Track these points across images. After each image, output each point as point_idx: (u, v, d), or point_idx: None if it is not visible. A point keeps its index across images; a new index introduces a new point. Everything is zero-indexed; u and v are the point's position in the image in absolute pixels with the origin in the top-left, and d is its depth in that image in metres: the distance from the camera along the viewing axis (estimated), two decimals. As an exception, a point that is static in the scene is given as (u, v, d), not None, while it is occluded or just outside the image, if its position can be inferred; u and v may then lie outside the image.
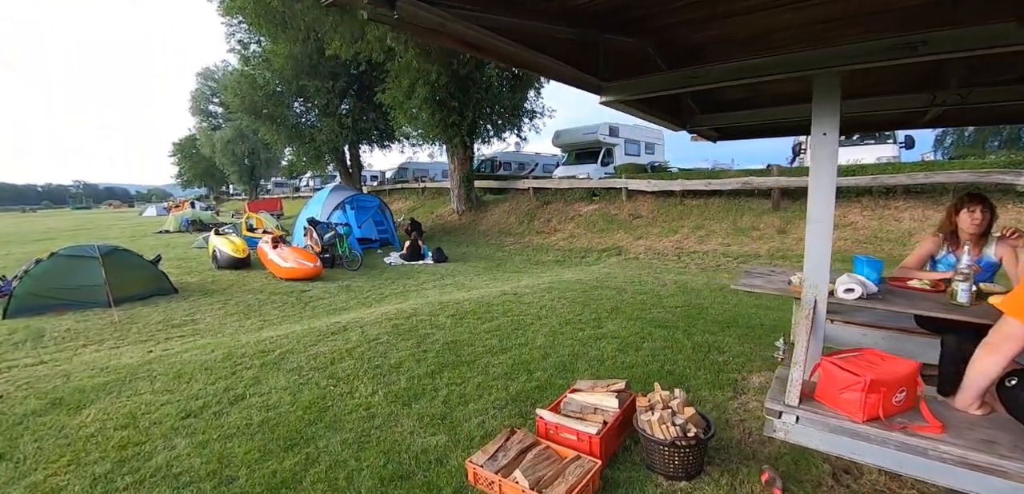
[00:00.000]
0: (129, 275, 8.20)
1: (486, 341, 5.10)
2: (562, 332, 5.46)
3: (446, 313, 6.10)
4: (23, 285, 7.37)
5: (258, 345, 4.92)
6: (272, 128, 21.38)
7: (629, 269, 9.92)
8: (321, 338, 5.10)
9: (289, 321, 6.73)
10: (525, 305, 6.63)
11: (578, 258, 12.18)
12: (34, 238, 23.05)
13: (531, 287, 8.04)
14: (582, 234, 13.81)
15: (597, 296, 7.19)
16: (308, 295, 8.49)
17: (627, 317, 6.09)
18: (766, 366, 4.34)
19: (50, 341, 5.97)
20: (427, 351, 4.72)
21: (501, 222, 16.32)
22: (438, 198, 21.79)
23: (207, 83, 46.32)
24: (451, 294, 8.07)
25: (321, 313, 7.14)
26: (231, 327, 6.53)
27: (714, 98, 4.15)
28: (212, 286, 9.46)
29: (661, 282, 8.33)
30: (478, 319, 5.90)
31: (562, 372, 4.31)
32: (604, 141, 18.72)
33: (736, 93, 4.05)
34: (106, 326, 6.58)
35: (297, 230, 13.98)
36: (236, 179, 49.91)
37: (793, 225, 11.04)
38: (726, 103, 4.29)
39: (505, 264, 11.98)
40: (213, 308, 7.60)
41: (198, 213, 25.36)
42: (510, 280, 9.51)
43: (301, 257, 9.90)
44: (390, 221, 14.83)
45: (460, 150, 16.19)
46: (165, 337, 6.04)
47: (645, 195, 14.21)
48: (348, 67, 20.80)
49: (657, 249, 11.53)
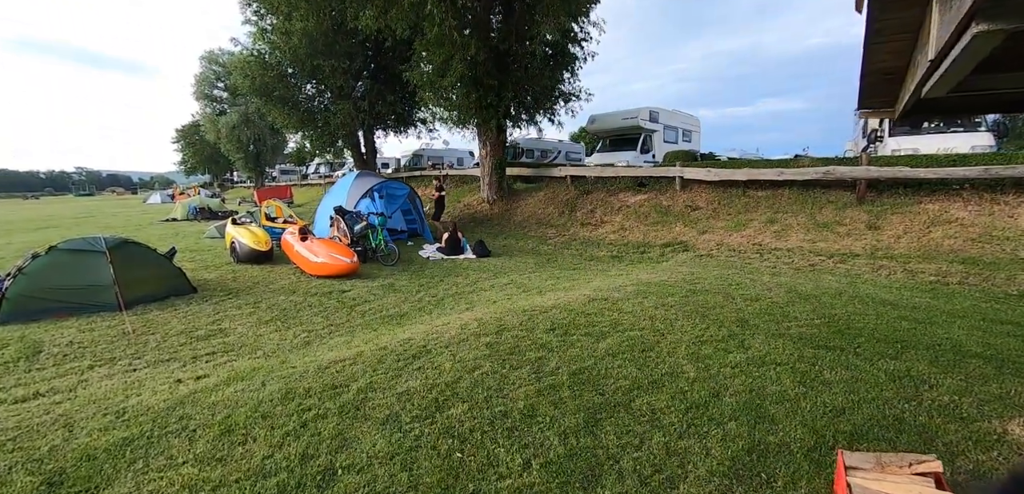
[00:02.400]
0: (141, 272, 6.97)
1: (620, 369, 3.87)
2: (704, 355, 4.24)
3: (542, 327, 4.86)
4: (18, 285, 6.15)
5: (321, 374, 3.69)
6: (283, 111, 20.17)
7: (711, 268, 8.66)
8: (401, 364, 3.87)
9: (340, 333, 5.51)
10: (628, 315, 5.40)
11: (637, 254, 10.92)
12: (36, 226, 21.85)
13: (615, 289, 6.81)
14: (633, 227, 12.54)
15: (705, 304, 5.95)
16: (349, 297, 7.26)
17: (766, 333, 4.86)
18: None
19: (49, 358, 4.75)
20: (554, 387, 3.49)
21: (538, 212, 15.04)
22: (462, 186, 20.48)
23: (212, 67, 44.92)
24: (521, 298, 6.84)
25: (376, 322, 5.91)
26: (270, 340, 5.30)
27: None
28: (234, 284, 8.24)
29: (764, 286, 7.08)
30: (587, 335, 4.67)
31: (758, 422, 3.10)
32: (644, 126, 17.40)
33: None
34: (117, 337, 5.37)
35: (318, 220, 12.75)
36: (241, 166, 48.56)
37: (885, 220, 9.77)
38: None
39: (556, 260, 10.74)
40: (242, 313, 6.37)
41: (206, 200, 24.11)
42: (576, 280, 8.28)
43: (335, 251, 8.65)
44: (420, 211, 13.56)
45: (493, 134, 14.87)
46: (192, 355, 4.81)
47: (702, 185, 12.92)
48: (365, 46, 19.52)
49: (731, 245, 10.27)
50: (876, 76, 4.13)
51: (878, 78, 4.20)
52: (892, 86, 4.39)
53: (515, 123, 15.63)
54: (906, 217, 9.64)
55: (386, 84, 20.45)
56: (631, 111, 17.49)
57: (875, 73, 4.05)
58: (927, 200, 9.86)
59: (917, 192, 10.07)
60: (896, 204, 10.05)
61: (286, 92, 20.06)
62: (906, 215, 9.68)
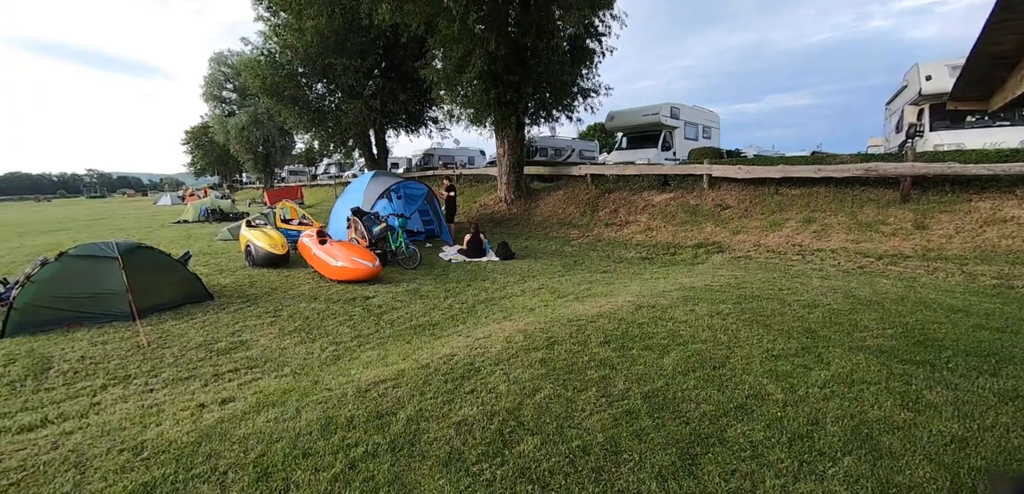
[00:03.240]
0: (155, 279, 6.60)
1: (696, 390, 3.42)
2: (783, 372, 3.78)
3: (595, 340, 4.42)
4: (26, 294, 5.78)
5: (361, 399, 3.26)
6: (293, 111, 19.92)
7: (753, 271, 8.17)
8: (450, 386, 3.44)
9: (370, 345, 5.08)
10: (683, 324, 4.94)
11: (667, 255, 10.44)
12: (48, 228, 21.68)
13: (660, 295, 6.35)
14: (661, 227, 12.05)
15: (761, 311, 5.47)
16: (375, 304, 6.84)
17: (841, 346, 4.39)
18: None
19: (58, 376, 4.37)
20: (630, 413, 3.05)
21: (558, 212, 14.58)
22: (476, 185, 20.06)
23: (221, 68, 44.81)
24: (560, 305, 6.39)
25: (407, 332, 5.48)
26: (296, 354, 4.89)
27: None
28: (252, 290, 7.85)
29: (817, 290, 6.58)
30: (647, 349, 4.22)
31: (877, 458, 2.65)
32: (666, 123, 16.88)
33: None
34: (131, 351, 4.98)
35: (333, 222, 12.37)
36: (250, 167, 48.45)
37: (934, 219, 9.22)
38: None
39: (583, 261, 10.27)
40: (263, 323, 5.97)
41: (217, 201, 23.84)
42: (611, 284, 7.81)
43: (356, 255, 8.23)
44: (438, 211, 13.14)
45: (512, 132, 14.41)
46: (213, 371, 4.40)
47: (731, 183, 12.41)
48: (377, 44, 19.18)
49: (768, 246, 9.76)
50: (985, 61, 3.66)
51: (986, 63, 3.73)
52: (998, 72, 3.91)
53: (534, 120, 15.16)
54: (956, 216, 9.09)
55: (398, 82, 20.11)
56: (652, 107, 16.98)
57: (986, 57, 3.57)
58: (977, 198, 9.30)
59: (966, 189, 9.52)
60: (944, 202, 9.50)
61: (296, 92, 19.81)
62: (956, 214, 9.13)
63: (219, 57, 44.70)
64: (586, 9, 11.88)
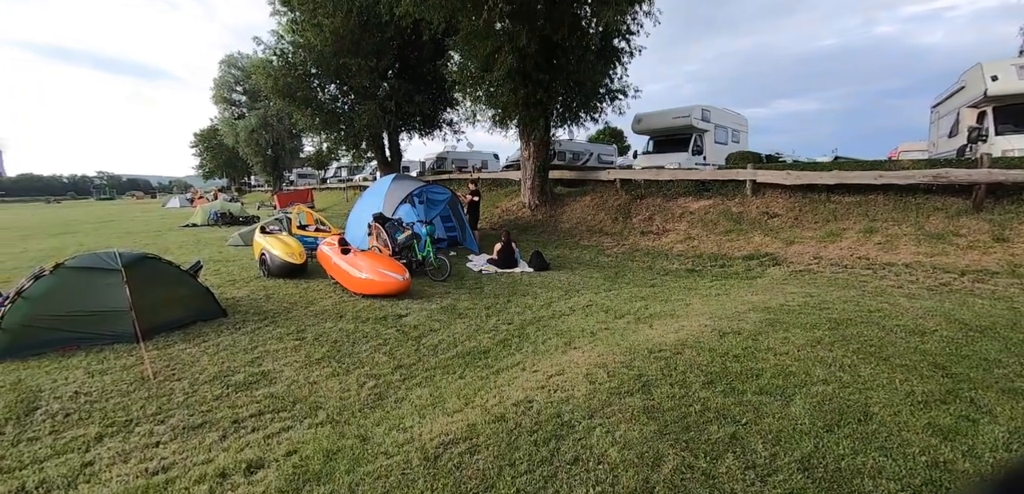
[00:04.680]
0: (162, 294, 5.85)
1: (859, 458, 2.62)
2: (945, 427, 2.99)
3: (694, 379, 3.61)
4: (16, 312, 5.04)
5: (430, 469, 2.48)
6: (305, 112, 19.38)
7: (824, 287, 7.32)
8: (544, 450, 2.64)
9: (415, 379, 4.29)
10: (785, 357, 4.12)
11: (716, 267, 9.60)
12: (56, 231, 21.12)
13: (735, 317, 5.54)
14: (703, 236, 11.21)
15: (866, 340, 4.64)
16: (409, 325, 6.05)
17: (996, 390, 3.57)
18: None
19: (45, 419, 3.61)
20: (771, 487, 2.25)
21: (587, 219, 13.77)
22: (495, 190, 19.28)
23: (231, 70, 44.53)
24: (623, 328, 5.58)
25: (456, 363, 4.67)
26: (329, 391, 4.11)
27: None
28: (269, 304, 7.10)
29: (911, 313, 5.73)
30: (762, 393, 3.42)
31: None
32: (697, 126, 16.07)
33: None
34: (134, 384, 4.22)
35: (350, 228, 11.64)
36: (260, 169, 48.08)
37: (1014, 231, 8.32)
38: None
39: (624, 273, 9.45)
40: (286, 347, 5.20)
41: (227, 205, 23.21)
42: (669, 301, 6.97)
43: (383, 267, 7.46)
44: (462, 217, 12.37)
45: (539, 134, 13.63)
46: (231, 416, 3.63)
47: (777, 189, 11.57)
48: (392, 44, 18.54)
49: (831, 259, 8.90)
50: None
51: None
52: None
53: (561, 121, 14.38)
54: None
55: (413, 83, 19.48)
56: (682, 109, 16.18)
57: None
58: (1063, 206, 8.44)
59: (1049, 197, 8.66)
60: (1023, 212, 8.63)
61: (309, 93, 19.27)
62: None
63: (230, 59, 44.43)
64: (624, 3, 11.11)
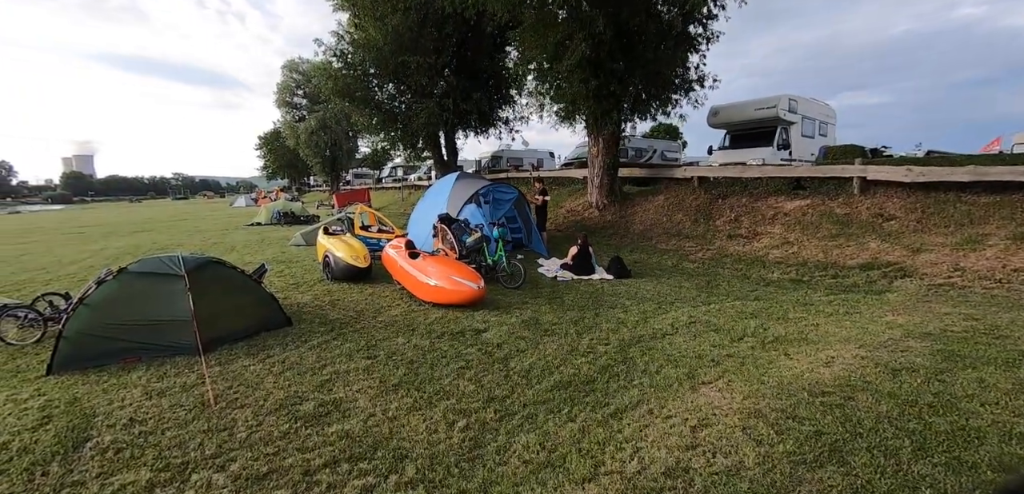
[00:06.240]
0: (225, 302, 5.38)
1: None
2: None
3: (900, 447, 2.60)
4: (78, 320, 4.69)
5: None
6: (364, 112, 19.36)
7: (987, 308, 5.92)
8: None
9: (518, 421, 3.48)
10: (994, 408, 3.01)
11: (828, 278, 8.27)
12: (134, 229, 22.21)
13: (891, 346, 4.40)
14: (803, 240, 9.84)
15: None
16: (491, 342, 5.28)
17: None
18: None
19: (95, 456, 3.10)
20: None
21: (662, 220, 12.62)
22: (557, 189, 18.37)
23: (293, 75, 46.01)
24: (753, 356, 4.56)
25: (560, 398, 3.81)
26: (414, 431, 3.38)
27: None
28: (334, 313, 6.56)
29: None
30: (995, 467, 2.36)
31: None
32: (784, 117, 14.50)
33: None
34: (193, 412, 3.67)
35: (412, 228, 11.10)
36: (318, 170, 49.51)
37: None
38: None
39: (718, 283, 8.31)
40: (357, 368, 4.56)
41: (289, 204, 23.62)
42: (784, 319, 5.83)
43: (456, 274, 6.75)
44: (528, 217, 11.58)
45: (610, 128, 12.61)
46: (301, 463, 2.96)
47: (892, 187, 10.02)
48: (451, 40, 18.07)
49: (977, 271, 7.39)
50: None
51: None
52: None
53: (635, 113, 13.27)
54: None
55: (471, 80, 18.96)
56: (767, 100, 14.63)
57: None
58: None
59: None
60: None
61: (367, 93, 19.20)
62: None
63: (291, 64, 45.92)
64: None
